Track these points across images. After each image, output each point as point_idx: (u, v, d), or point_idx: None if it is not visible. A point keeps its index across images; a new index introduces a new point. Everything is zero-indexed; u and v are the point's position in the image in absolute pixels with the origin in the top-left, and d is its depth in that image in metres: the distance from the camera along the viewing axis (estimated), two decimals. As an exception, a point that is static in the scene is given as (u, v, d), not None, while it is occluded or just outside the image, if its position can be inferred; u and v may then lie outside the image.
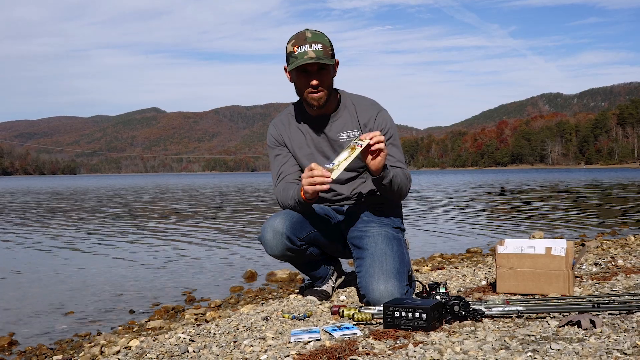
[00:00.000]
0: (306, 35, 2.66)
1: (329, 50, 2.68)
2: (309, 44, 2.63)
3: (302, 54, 2.63)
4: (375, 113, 2.86)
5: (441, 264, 5.17)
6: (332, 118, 2.87)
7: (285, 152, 2.95)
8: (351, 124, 2.86)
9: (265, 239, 2.81)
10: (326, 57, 2.65)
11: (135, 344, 2.61)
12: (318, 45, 2.64)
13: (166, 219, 11.90)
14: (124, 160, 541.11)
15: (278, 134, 2.96)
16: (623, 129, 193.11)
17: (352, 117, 2.87)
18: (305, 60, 2.61)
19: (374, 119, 2.84)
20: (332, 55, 2.70)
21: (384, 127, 2.83)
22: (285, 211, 2.86)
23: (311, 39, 2.65)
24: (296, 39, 2.67)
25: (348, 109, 2.88)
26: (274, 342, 2.21)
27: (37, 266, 6.02)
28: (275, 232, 2.77)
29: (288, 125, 2.95)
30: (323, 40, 2.67)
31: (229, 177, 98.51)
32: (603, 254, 4.60)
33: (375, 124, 2.83)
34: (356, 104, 2.89)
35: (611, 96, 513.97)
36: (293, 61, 2.65)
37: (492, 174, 77.22)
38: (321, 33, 2.70)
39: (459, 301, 2.32)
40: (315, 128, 2.89)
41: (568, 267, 2.81)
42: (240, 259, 6.17)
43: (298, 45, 2.64)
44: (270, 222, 2.82)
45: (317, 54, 2.63)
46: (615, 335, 2.00)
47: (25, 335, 3.43)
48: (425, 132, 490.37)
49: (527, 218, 10.63)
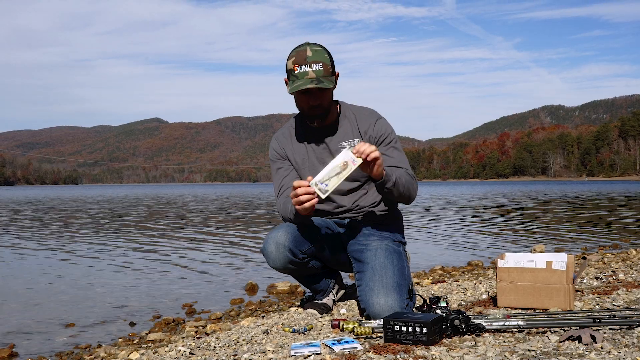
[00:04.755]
0: (306, 54, 2.66)
1: (329, 68, 2.69)
2: (309, 63, 2.64)
3: (302, 74, 2.64)
4: (375, 120, 2.90)
5: (442, 277, 5.16)
6: (332, 129, 2.90)
7: (287, 166, 2.97)
8: (351, 132, 2.89)
9: (268, 252, 2.83)
10: (326, 76, 2.67)
11: (135, 356, 2.61)
12: (318, 65, 2.65)
13: (167, 231, 11.90)
14: (125, 171, 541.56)
15: (280, 148, 2.98)
16: (625, 141, 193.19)
17: (353, 126, 2.90)
18: (305, 84, 2.63)
19: (373, 125, 2.88)
20: (332, 72, 2.72)
21: (384, 132, 2.87)
22: (287, 224, 2.87)
23: (311, 58, 2.65)
24: (297, 56, 2.67)
25: (348, 119, 2.91)
26: (274, 356, 2.21)
27: (38, 277, 6.02)
28: (278, 245, 2.79)
29: (290, 138, 2.98)
30: (323, 58, 2.67)
31: (230, 188, 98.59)
32: (604, 267, 4.59)
33: (375, 130, 2.87)
34: (356, 113, 2.93)
35: (613, 108, 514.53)
36: (293, 80, 2.67)
37: (494, 186, 77.18)
38: (321, 49, 2.70)
39: (460, 315, 2.32)
40: (317, 139, 2.92)
41: (569, 281, 2.80)
42: (241, 271, 6.17)
43: (298, 64, 2.65)
44: (273, 235, 2.83)
45: (317, 74, 2.64)
46: (616, 350, 2.00)
47: (26, 346, 3.43)
48: (427, 144, 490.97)
49: (528, 231, 10.62)
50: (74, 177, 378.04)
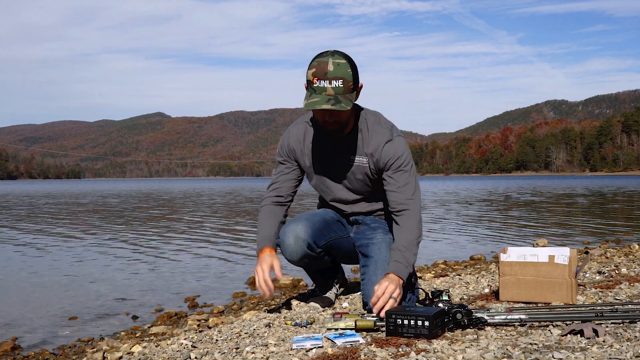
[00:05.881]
0: (327, 68, 2.49)
1: (350, 85, 2.53)
2: (329, 79, 2.48)
3: (321, 89, 2.50)
4: (384, 142, 2.71)
5: (444, 271, 5.16)
6: (347, 138, 2.77)
7: (289, 166, 2.91)
8: (362, 149, 2.76)
9: (286, 244, 2.84)
10: (346, 93, 2.52)
11: (137, 349, 2.61)
12: (339, 82, 2.49)
13: (169, 224, 11.91)
14: (128, 165, 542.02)
15: (291, 149, 2.88)
16: (628, 136, 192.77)
17: (365, 143, 2.75)
18: (321, 102, 2.49)
19: (381, 149, 2.71)
20: (352, 88, 2.55)
21: (392, 155, 2.69)
22: (306, 216, 2.91)
23: (332, 74, 2.49)
24: (317, 68, 2.51)
25: (362, 133, 2.75)
26: (276, 349, 2.21)
27: (40, 271, 6.03)
28: (297, 238, 2.81)
29: (303, 139, 2.87)
30: (344, 74, 2.51)
31: (233, 182, 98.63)
32: (607, 262, 4.58)
33: (382, 154, 2.70)
34: (370, 129, 2.74)
35: (616, 103, 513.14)
36: (311, 93, 2.53)
37: (497, 181, 77.10)
38: (345, 62, 2.53)
39: (462, 309, 2.32)
40: (330, 145, 2.81)
41: (571, 276, 2.80)
42: (244, 265, 6.17)
43: (318, 77, 2.50)
44: (292, 228, 2.84)
45: (337, 91, 2.49)
46: (618, 344, 2.00)
47: (28, 340, 3.44)
48: (429, 138, 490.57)
49: (531, 225, 10.61)
50: (77, 172, 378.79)
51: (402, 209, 2.65)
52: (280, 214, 2.90)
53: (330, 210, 3.02)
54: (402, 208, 2.65)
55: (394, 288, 2.44)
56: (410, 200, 2.66)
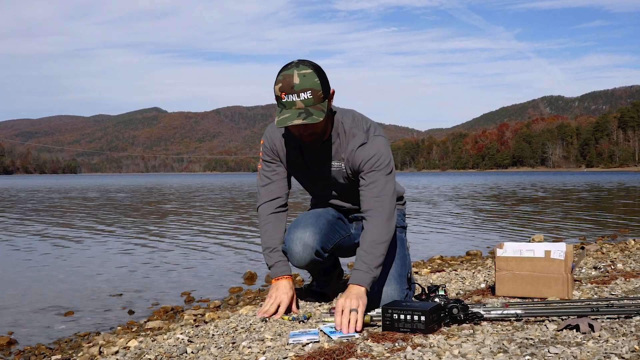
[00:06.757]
0: (293, 82, 2.41)
1: (320, 94, 2.45)
2: (297, 92, 2.40)
3: (290, 103, 2.42)
4: (359, 144, 2.64)
5: (441, 266, 5.17)
6: (324, 144, 2.72)
7: (279, 164, 2.86)
8: (339, 154, 2.72)
9: (294, 252, 2.75)
10: (317, 103, 2.44)
11: (134, 344, 2.61)
12: (307, 93, 2.41)
13: (166, 220, 11.90)
14: (124, 160, 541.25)
15: (275, 151, 2.84)
16: (624, 132, 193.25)
17: (342, 148, 2.71)
18: (292, 118, 2.42)
19: (354, 153, 2.65)
20: (323, 97, 2.47)
21: (364, 157, 2.62)
22: (311, 220, 2.81)
23: (299, 87, 2.40)
24: (284, 82, 2.43)
25: (340, 137, 2.70)
26: (272, 344, 2.21)
27: (36, 265, 6.02)
28: (305, 246, 2.74)
29: (282, 146, 2.82)
30: (312, 84, 2.42)
31: (229, 178, 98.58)
32: (603, 257, 4.60)
33: (356, 157, 2.65)
34: (347, 133, 2.68)
35: (612, 99, 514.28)
36: (281, 109, 2.46)
37: (493, 176, 77.21)
38: (311, 72, 2.44)
39: (458, 304, 2.33)
40: (309, 150, 2.76)
41: (567, 271, 2.81)
42: (240, 260, 6.17)
43: (285, 92, 2.42)
44: (299, 235, 2.75)
45: (307, 103, 2.42)
46: (614, 339, 2.00)
47: (24, 334, 3.43)
48: (426, 134, 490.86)
49: (527, 221, 10.63)
50: (73, 167, 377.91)
51: (367, 209, 2.59)
52: (284, 219, 2.87)
53: (330, 208, 3.01)
54: (367, 208, 2.59)
55: (351, 302, 2.37)
56: (375, 199, 2.58)
